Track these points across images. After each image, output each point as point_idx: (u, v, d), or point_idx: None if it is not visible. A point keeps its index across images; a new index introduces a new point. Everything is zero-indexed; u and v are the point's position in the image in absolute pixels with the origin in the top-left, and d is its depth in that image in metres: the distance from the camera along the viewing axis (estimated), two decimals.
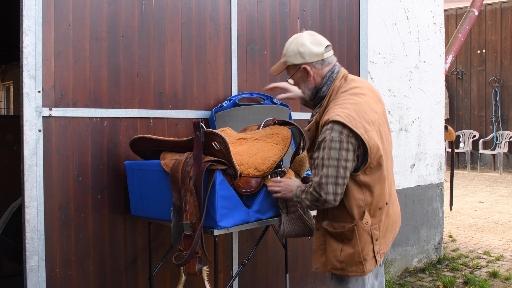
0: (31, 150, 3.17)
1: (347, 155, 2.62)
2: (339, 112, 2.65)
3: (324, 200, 2.67)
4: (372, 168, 2.72)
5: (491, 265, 6.19)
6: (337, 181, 2.64)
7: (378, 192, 2.77)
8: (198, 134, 2.98)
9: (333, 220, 2.84)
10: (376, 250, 2.80)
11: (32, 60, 3.17)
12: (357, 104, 2.72)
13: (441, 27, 6.25)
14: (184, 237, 2.95)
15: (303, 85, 2.92)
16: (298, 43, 2.85)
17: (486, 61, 16.06)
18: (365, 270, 2.79)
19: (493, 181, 13.61)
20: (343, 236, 2.81)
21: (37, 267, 3.22)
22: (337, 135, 2.61)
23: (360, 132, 2.62)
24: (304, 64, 2.84)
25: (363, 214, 2.75)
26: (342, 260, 2.81)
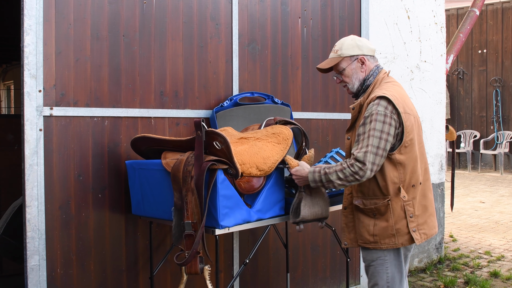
0: (32, 150, 3.17)
1: (389, 129, 2.91)
2: (385, 91, 2.99)
3: (364, 172, 2.89)
4: (407, 147, 2.99)
5: (492, 265, 6.19)
6: (377, 151, 2.90)
7: (411, 170, 3.02)
8: (200, 133, 2.98)
9: (364, 198, 3.10)
10: (412, 226, 3.01)
11: (33, 60, 3.16)
12: (399, 91, 3.09)
13: (442, 27, 6.25)
14: (186, 236, 2.95)
15: (355, 76, 3.19)
16: (355, 39, 3.21)
17: (487, 61, 16.05)
18: (396, 243, 3.02)
19: (494, 181, 13.61)
20: (376, 211, 3.05)
21: (38, 266, 3.21)
22: (383, 109, 2.92)
23: (400, 110, 2.93)
24: (361, 55, 3.17)
25: (399, 190, 3.00)
26: (375, 233, 3.06)
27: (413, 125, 3.03)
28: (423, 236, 3.05)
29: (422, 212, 3.07)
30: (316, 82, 4.65)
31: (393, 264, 3.08)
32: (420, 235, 3.04)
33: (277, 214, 3.34)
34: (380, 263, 3.09)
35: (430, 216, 3.12)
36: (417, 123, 3.10)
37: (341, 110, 4.84)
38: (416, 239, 3.01)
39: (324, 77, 4.69)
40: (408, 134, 2.98)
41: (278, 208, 3.34)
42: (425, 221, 3.08)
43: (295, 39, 4.50)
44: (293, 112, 4.40)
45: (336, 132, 4.79)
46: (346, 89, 3.26)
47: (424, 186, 3.11)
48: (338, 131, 4.80)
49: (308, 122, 4.59)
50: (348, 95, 4.85)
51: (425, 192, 3.12)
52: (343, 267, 4.91)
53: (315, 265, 4.75)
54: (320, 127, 4.68)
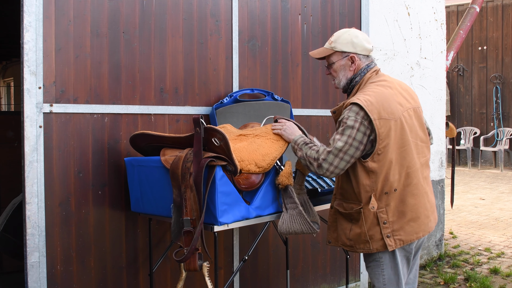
0: (31, 146, 3.17)
1: (357, 135, 2.86)
2: (359, 97, 2.91)
3: (319, 165, 2.93)
4: (379, 155, 2.90)
5: (492, 261, 6.19)
6: (339, 154, 2.88)
7: (383, 178, 2.93)
8: (198, 130, 2.98)
9: (343, 201, 3.10)
10: (386, 233, 2.96)
11: (33, 56, 3.16)
12: (380, 93, 2.96)
13: (442, 24, 6.24)
14: (185, 233, 2.95)
15: (342, 73, 3.14)
16: (352, 35, 3.11)
17: (487, 58, 16.04)
18: (371, 248, 3.00)
19: (494, 178, 13.61)
20: (351, 216, 3.04)
21: (38, 263, 3.22)
22: (354, 115, 2.87)
23: (372, 117, 2.84)
24: (353, 54, 3.10)
25: (369, 198, 2.95)
26: (351, 238, 3.06)
27: (389, 131, 2.89)
28: (398, 242, 2.97)
29: (398, 218, 2.97)
30: (316, 79, 4.65)
31: (388, 266, 3.03)
32: (395, 241, 2.96)
33: (276, 210, 3.34)
34: (375, 265, 3.07)
35: (409, 221, 3.00)
36: (400, 126, 2.95)
37: None
38: (389, 245, 2.95)
39: (324, 73, 4.68)
40: (382, 141, 2.87)
41: (277, 205, 3.34)
42: (402, 227, 2.98)
43: (295, 35, 4.50)
44: (293, 109, 4.39)
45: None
46: (333, 83, 3.23)
47: (403, 191, 2.99)
48: None
49: (308, 119, 4.59)
50: None
51: (404, 197, 2.99)
52: (343, 264, 4.91)
53: (315, 262, 4.75)
54: (320, 124, 4.68)
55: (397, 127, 2.93)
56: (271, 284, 4.43)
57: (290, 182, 3.25)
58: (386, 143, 2.89)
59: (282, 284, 4.49)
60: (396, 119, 2.93)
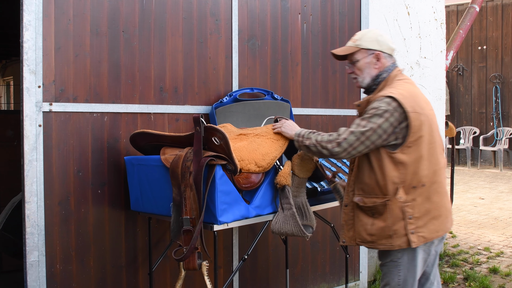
0: (31, 145, 3.17)
1: (384, 124, 2.86)
2: (392, 91, 2.94)
3: (338, 144, 2.92)
4: (410, 148, 2.90)
5: (491, 261, 6.19)
6: (361, 137, 2.89)
7: (412, 171, 2.93)
8: (198, 129, 2.98)
9: (364, 195, 3.03)
10: (410, 229, 2.92)
11: (32, 55, 3.16)
12: (410, 90, 3.01)
13: (442, 23, 6.24)
14: (184, 232, 2.95)
15: (367, 71, 3.12)
16: (377, 33, 3.15)
17: (487, 57, 16.04)
18: (393, 244, 2.95)
19: (493, 178, 13.61)
20: (374, 210, 2.99)
21: (37, 262, 3.22)
22: (384, 105, 2.87)
23: (407, 109, 2.85)
24: (378, 51, 3.10)
25: (397, 190, 2.92)
26: (373, 233, 3.00)
27: (422, 125, 2.91)
28: (421, 239, 2.94)
29: (423, 215, 2.95)
30: (316, 78, 4.65)
31: (406, 267, 2.99)
32: (418, 238, 2.93)
33: (276, 210, 3.34)
34: (393, 265, 3.02)
35: (432, 219, 2.99)
36: (429, 123, 2.98)
37: (340, 106, 4.83)
38: (413, 242, 2.91)
39: (324, 73, 4.69)
40: (414, 134, 2.89)
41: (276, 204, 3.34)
42: (425, 224, 2.96)
43: (295, 35, 4.50)
44: (293, 108, 4.39)
45: (336, 128, 4.78)
46: (355, 82, 3.18)
47: (429, 188, 2.98)
48: (337, 127, 4.77)
49: (308, 118, 4.59)
50: (349, 92, 4.86)
51: (430, 195, 2.99)
52: (343, 263, 4.91)
53: (314, 261, 4.75)
54: (320, 123, 4.68)
55: (427, 123, 2.97)
56: (270, 283, 4.43)
57: (288, 183, 3.25)
58: (418, 136, 2.91)
59: (281, 283, 4.49)
60: (426, 116, 2.97)
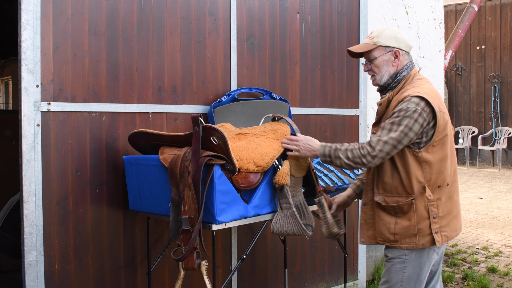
0: (29, 145, 3.16)
1: (414, 125, 2.83)
2: (419, 90, 2.91)
3: (375, 156, 2.88)
4: (435, 147, 2.91)
5: (490, 260, 6.20)
6: (396, 145, 2.86)
7: (437, 170, 2.94)
8: (197, 129, 2.98)
9: (386, 195, 3.01)
10: (435, 228, 2.94)
11: (31, 55, 3.15)
12: (432, 89, 3.01)
13: (440, 23, 6.24)
14: (183, 232, 2.95)
15: (385, 69, 3.08)
16: (395, 30, 3.11)
17: (485, 57, 16.05)
18: (417, 243, 2.94)
19: (492, 177, 13.62)
20: (397, 209, 2.97)
21: (36, 262, 3.21)
22: (414, 106, 2.84)
23: (435, 109, 2.86)
24: (397, 49, 3.06)
25: (424, 189, 2.92)
26: (396, 232, 2.98)
27: (446, 124, 2.95)
28: (444, 238, 2.97)
29: (446, 214, 2.98)
30: (315, 78, 4.64)
31: (411, 265, 2.99)
32: (442, 237, 2.95)
33: (274, 209, 3.34)
34: (399, 261, 3.01)
35: (453, 218, 3.03)
36: (449, 122, 3.01)
37: (339, 105, 4.83)
38: (437, 241, 2.93)
39: (322, 72, 4.68)
40: (439, 134, 2.90)
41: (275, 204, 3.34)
42: (448, 223, 2.99)
43: (293, 34, 4.50)
44: (291, 108, 4.39)
45: (334, 127, 4.79)
46: (373, 80, 3.15)
47: (451, 187, 3.02)
48: (336, 127, 4.80)
49: (306, 118, 4.58)
50: (347, 91, 4.85)
51: (452, 193, 3.03)
52: (341, 262, 4.91)
53: (313, 261, 4.75)
54: (318, 123, 4.67)
55: (449, 122, 2.99)
56: (269, 282, 4.43)
57: (286, 182, 3.25)
58: (444, 135, 2.92)
59: (280, 283, 4.49)
60: (448, 115, 3.00)
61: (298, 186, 3.39)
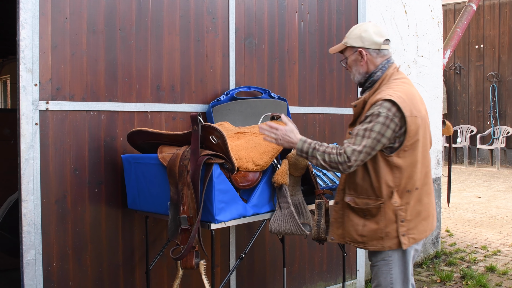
0: (27, 144, 3.16)
1: (387, 132, 2.83)
2: (391, 93, 2.88)
3: (350, 166, 2.85)
4: (406, 152, 2.90)
5: (488, 259, 6.20)
6: (370, 152, 2.85)
7: (407, 175, 2.94)
8: (196, 127, 2.97)
9: (356, 196, 3.03)
10: (402, 231, 2.95)
11: (29, 53, 3.15)
12: (408, 91, 2.97)
13: (439, 22, 6.24)
14: (181, 231, 2.95)
15: (355, 68, 3.11)
16: (362, 29, 3.08)
17: (484, 56, 16.06)
18: (384, 246, 2.97)
19: (490, 176, 13.63)
20: (366, 212, 2.99)
21: (34, 261, 3.21)
22: (385, 111, 2.82)
23: (406, 114, 2.83)
24: (360, 48, 3.05)
25: (392, 194, 2.92)
26: (364, 234, 3.01)
27: (418, 128, 2.92)
28: (411, 241, 2.98)
29: (414, 217, 2.99)
30: (313, 77, 4.64)
31: (397, 265, 3.02)
32: (409, 240, 2.97)
33: (273, 209, 3.34)
34: (384, 263, 3.03)
35: (422, 220, 3.04)
36: (424, 125, 2.99)
37: (338, 104, 4.83)
38: (404, 244, 2.95)
39: (321, 71, 4.68)
40: (411, 139, 2.89)
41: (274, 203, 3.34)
42: (416, 226, 3.00)
43: (292, 33, 4.49)
44: (290, 107, 4.39)
45: (333, 126, 4.79)
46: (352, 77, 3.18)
47: (421, 191, 3.02)
48: (334, 126, 4.80)
49: (305, 117, 4.58)
50: (346, 90, 4.86)
51: (421, 197, 3.03)
52: (340, 261, 4.92)
53: (311, 260, 4.75)
54: (317, 122, 4.67)
55: (422, 125, 2.97)
56: (267, 281, 4.43)
57: (285, 181, 3.25)
58: (415, 140, 2.91)
59: (278, 282, 4.49)
60: (422, 118, 2.97)
61: (297, 185, 3.39)
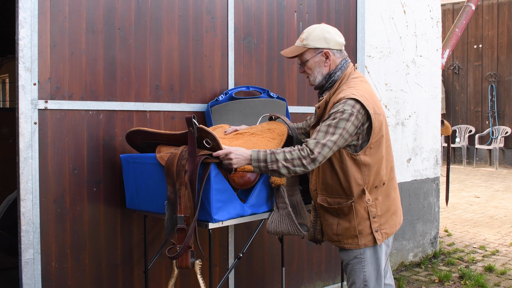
0: (26, 143, 3.16)
1: (350, 128, 2.82)
2: (354, 92, 2.89)
3: (314, 159, 2.80)
4: (372, 149, 2.94)
5: (487, 259, 6.21)
6: (333, 147, 2.82)
7: (375, 171, 2.97)
8: (192, 129, 2.97)
9: (328, 196, 3.07)
10: (375, 227, 3.00)
11: (28, 52, 3.15)
12: (368, 90, 3.00)
13: (438, 22, 6.25)
14: (178, 230, 2.95)
15: (317, 70, 3.07)
16: (324, 30, 3.05)
17: (482, 56, 16.07)
18: (359, 243, 3.01)
19: (488, 176, 13.64)
20: (339, 211, 3.02)
21: (33, 260, 3.21)
22: (349, 108, 2.82)
23: (370, 112, 2.85)
24: (327, 49, 3.04)
25: (363, 192, 2.96)
26: (338, 233, 3.05)
27: (381, 125, 2.96)
28: (384, 236, 3.03)
29: (384, 212, 3.04)
30: None
31: (369, 263, 3.04)
32: (382, 235, 3.02)
33: (271, 208, 3.34)
34: (356, 261, 3.05)
35: (392, 215, 3.09)
36: (385, 122, 3.03)
37: None
38: (378, 239, 2.99)
39: None
40: (375, 135, 2.92)
41: (271, 203, 3.34)
42: (387, 221, 3.05)
43: (291, 33, 4.50)
44: (289, 106, 4.39)
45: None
46: (308, 81, 3.14)
47: (388, 185, 3.06)
48: None
49: (304, 117, 4.59)
50: None
51: (389, 191, 3.07)
52: (338, 261, 4.92)
53: (310, 260, 4.76)
54: None
55: (384, 122, 3.01)
56: (266, 281, 4.43)
57: (282, 182, 3.26)
58: (380, 137, 2.95)
59: (277, 282, 4.50)
60: (383, 115, 3.01)
61: (294, 185, 3.40)
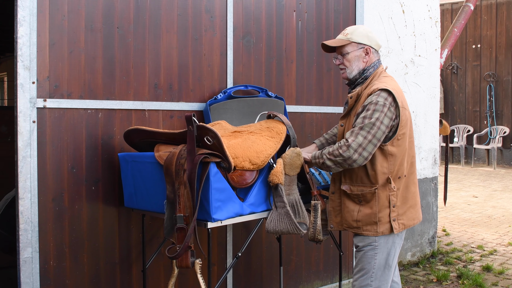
0: (25, 142, 3.16)
1: (385, 119, 3.06)
2: (386, 85, 3.13)
3: (348, 146, 3.06)
4: (399, 140, 3.15)
5: (485, 259, 6.22)
6: (367, 136, 3.04)
7: (399, 162, 3.18)
8: (191, 128, 2.97)
9: (351, 184, 3.25)
10: (393, 216, 3.18)
11: (27, 51, 3.15)
12: (397, 86, 3.24)
13: (436, 22, 6.25)
14: (177, 230, 2.94)
15: (356, 64, 3.30)
16: (367, 29, 3.34)
17: (481, 56, 16.08)
18: (378, 231, 3.18)
19: (487, 176, 13.65)
20: (361, 198, 3.21)
21: (31, 259, 3.21)
22: (382, 100, 3.07)
23: (399, 104, 3.09)
24: (368, 46, 3.29)
25: (388, 180, 3.16)
26: (359, 219, 3.22)
27: (407, 120, 3.18)
28: (401, 226, 3.20)
29: (403, 203, 3.22)
30: (311, 76, 4.65)
31: (381, 251, 3.20)
32: (399, 225, 3.19)
33: (270, 208, 3.34)
34: (370, 248, 3.21)
35: (410, 208, 3.26)
36: (410, 118, 3.23)
37: (335, 103, 4.84)
38: (395, 229, 3.16)
39: (318, 70, 4.69)
40: (402, 128, 3.14)
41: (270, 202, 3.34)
42: (404, 212, 3.22)
43: (289, 32, 4.50)
44: (287, 106, 4.39)
45: (330, 125, 4.79)
46: (343, 73, 3.35)
47: (408, 179, 3.26)
48: (332, 125, 4.80)
49: (302, 116, 4.59)
50: (343, 89, 4.86)
51: (408, 184, 3.26)
52: (336, 260, 4.92)
53: (308, 259, 4.76)
54: (314, 121, 4.68)
55: (409, 118, 3.23)
56: (264, 280, 4.43)
57: (280, 181, 3.26)
58: (405, 131, 3.18)
59: (275, 281, 4.50)
60: (409, 112, 3.24)
61: (293, 184, 3.40)
